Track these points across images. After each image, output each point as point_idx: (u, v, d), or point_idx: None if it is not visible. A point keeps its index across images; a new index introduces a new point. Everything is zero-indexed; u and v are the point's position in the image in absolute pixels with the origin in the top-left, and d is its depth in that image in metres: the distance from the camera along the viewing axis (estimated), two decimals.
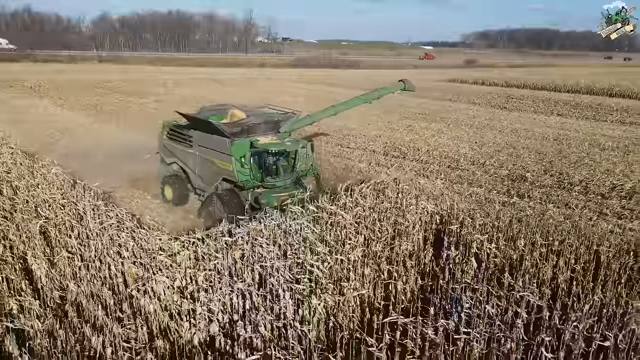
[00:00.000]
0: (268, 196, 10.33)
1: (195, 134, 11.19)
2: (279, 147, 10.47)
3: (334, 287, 6.62)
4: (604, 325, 5.65)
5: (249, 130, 10.70)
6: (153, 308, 6.32)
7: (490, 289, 6.66)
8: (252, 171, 10.47)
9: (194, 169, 11.51)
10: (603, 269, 7.43)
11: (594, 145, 19.31)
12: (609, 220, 10.71)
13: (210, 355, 5.32)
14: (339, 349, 5.33)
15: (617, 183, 13.55)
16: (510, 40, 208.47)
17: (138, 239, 7.85)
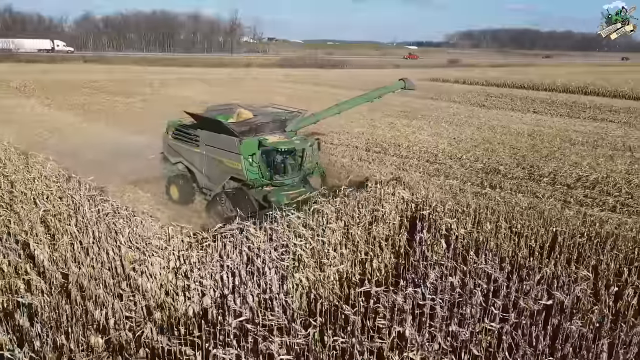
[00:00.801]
0: (277, 194, 10.41)
1: (203, 133, 11.23)
2: (288, 146, 10.56)
3: (315, 265, 7.29)
4: (552, 291, 6.41)
5: (257, 129, 10.80)
6: (150, 286, 6.95)
7: (456, 265, 7.41)
8: (261, 169, 10.54)
9: (201, 168, 11.54)
10: (558, 247, 8.23)
11: (565, 141, 20.31)
12: (571, 207, 11.57)
13: (204, 325, 5.96)
14: (319, 314, 6.03)
15: (583, 175, 14.46)
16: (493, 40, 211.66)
17: (133, 226, 8.44)
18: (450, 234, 8.68)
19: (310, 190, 10.75)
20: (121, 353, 5.66)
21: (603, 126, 24.71)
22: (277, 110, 12.17)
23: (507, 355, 5.25)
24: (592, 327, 5.64)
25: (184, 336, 5.67)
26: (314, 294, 6.81)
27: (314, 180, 11.61)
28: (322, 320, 5.93)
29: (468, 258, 7.71)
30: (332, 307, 6.69)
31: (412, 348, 5.18)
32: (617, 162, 16.46)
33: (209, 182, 11.47)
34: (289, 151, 10.75)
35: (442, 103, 33.55)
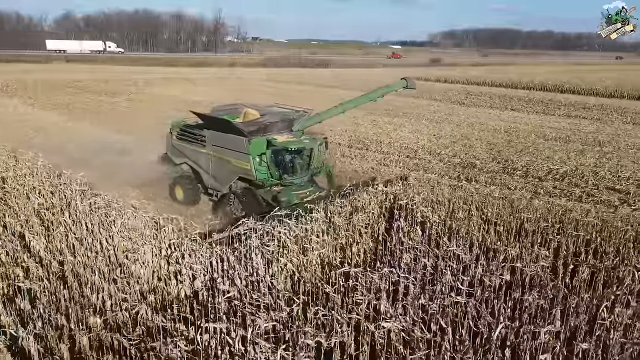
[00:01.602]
0: (287, 194, 10.45)
1: (209, 133, 11.18)
2: (298, 145, 10.56)
3: (298, 250, 7.81)
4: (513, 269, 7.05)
5: (265, 129, 10.78)
6: (143, 272, 7.39)
7: (429, 249, 8.00)
8: (270, 169, 10.52)
9: (207, 169, 11.49)
10: (524, 232, 8.89)
11: (539, 136, 21.17)
12: (540, 198, 12.29)
13: (196, 305, 6.44)
14: (302, 294, 6.55)
15: (554, 168, 15.24)
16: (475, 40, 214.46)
17: (125, 218, 8.85)
18: (426, 222, 9.28)
19: (318, 190, 10.93)
20: (119, 331, 6.11)
21: (576, 122, 25.72)
22: (283, 109, 12.10)
23: (472, 325, 5.83)
24: (547, 299, 6.26)
25: (177, 315, 6.14)
26: (297, 276, 7.32)
27: (320, 180, 11.72)
28: (305, 298, 6.45)
29: (441, 243, 8.32)
30: (314, 287, 7.24)
31: (385, 319, 5.72)
32: (586, 156, 17.31)
33: (215, 183, 11.40)
34: (299, 151, 10.76)
35: (424, 101, 34.35)
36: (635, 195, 12.54)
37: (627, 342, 5.37)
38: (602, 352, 5.36)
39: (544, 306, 6.13)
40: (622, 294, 6.27)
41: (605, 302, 5.85)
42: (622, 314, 5.76)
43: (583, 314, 5.99)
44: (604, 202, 12.05)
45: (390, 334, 5.32)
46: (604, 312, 5.72)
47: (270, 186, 10.50)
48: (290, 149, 10.48)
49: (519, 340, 5.49)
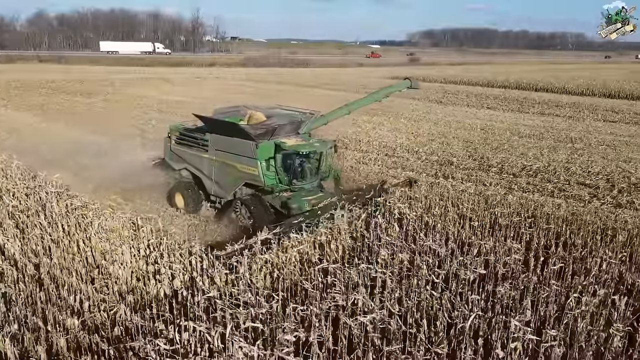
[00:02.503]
0: (298, 200, 9.97)
1: (212, 137, 10.68)
2: (308, 149, 10.19)
3: (278, 248, 7.88)
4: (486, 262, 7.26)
5: (273, 132, 10.26)
6: (121, 273, 7.36)
7: (406, 244, 8.16)
8: (278, 174, 10.15)
9: (210, 175, 10.96)
10: (498, 226, 9.14)
11: (514, 134, 21.68)
12: (514, 193, 12.61)
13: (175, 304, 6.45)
14: (282, 291, 6.62)
15: (527, 164, 15.65)
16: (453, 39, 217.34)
17: (103, 219, 8.79)
18: (403, 218, 9.45)
19: (329, 196, 10.40)
20: (97, 332, 6.08)
21: (550, 120, 26.41)
22: (290, 111, 11.61)
23: (446, 316, 6.00)
24: (519, 290, 6.48)
25: (156, 315, 6.15)
26: (277, 273, 7.39)
27: (327, 184, 11.33)
28: (285, 295, 6.53)
29: (417, 238, 8.49)
30: (293, 284, 7.32)
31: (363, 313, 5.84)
32: (559, 152, 17.81)
33: (219, 189, 10.91)
34: (308, 154, 10.42)
35: (402, 100, 34.65)
36: (604, 190, 12.99)
37: (593, 329, 5.60)
38: (570, 339, 5.58)
39: (516, 297, 6.34)
40: (589, 283, 6.53)
41: (573, 292, 6.10)
42: (589, 303, 6.00)
43: (552, 304, 6.22)
44: (574, 197, 12.45)
45: (367, 328, 5.43)
46: (572, 302, 5.96)
47: (280, 192, 10.08)
48: (301, 152, 10.12)
49: (491, 330, 5.68)
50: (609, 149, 18.71)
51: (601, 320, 5.84)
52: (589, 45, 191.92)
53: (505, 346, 5.34)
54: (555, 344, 5.15)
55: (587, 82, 44.33)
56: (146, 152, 17.41)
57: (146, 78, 48.20)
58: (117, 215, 8.91)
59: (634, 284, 6.82)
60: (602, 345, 5.48)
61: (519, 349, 5.22)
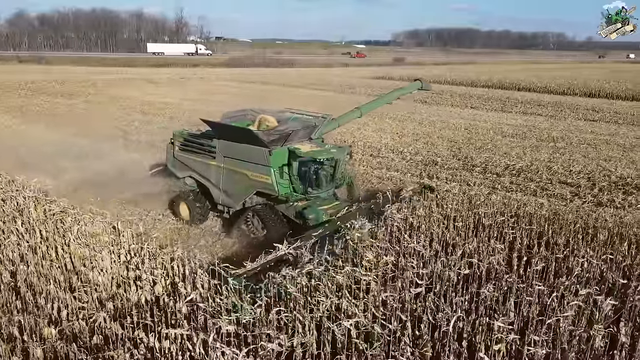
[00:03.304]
0: (315, 210, 9.36)
1: (221, 143, 10.11)
2: (326, 155, 9.63)
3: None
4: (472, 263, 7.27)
5: (287, 137, 9.71)
6: (101, 279, 7.20)
7: (391, 246, 8.14)
8: (292, 182, 9.68)
9: (217, 183, 10.40)
10: (481, 226, 9.17)
11: (497, 133, 21.88)
12: (497, 193, 12.71)
13: (156, 310, 6.33)
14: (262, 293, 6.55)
15: (510, 164, 15.79)
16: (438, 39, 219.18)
17: (82, 224, 8.60)
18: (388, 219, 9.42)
19: (346, 204, 9.96)
20: (75, 341, 5.94)
21: (532, 119, 26.73)
22: (298, 115, 11.01)
23: (430, 319, 5.99)
24: (502, 291, 6.50)
25: (137, 322, 6.02)
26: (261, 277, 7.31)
27: (340, 192, 10.85)
28: (268, 299, 6.45)
29: (401, 240, 8.48)
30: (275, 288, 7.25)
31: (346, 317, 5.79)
32: (541, 151, 18.02)
33: (227, 198, 10.35)
34: (326, 161, 9.86)
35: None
36: (585, 189, 13.16)
37: (575, 329, 5.64)
38: (553, 339, 5.61)
39: (499, 298, 6.36)
40: (571, 283, 6.58)
41: (555, 292, 6.13)
42: (571, 303, 6.04)
43: (535, 304, 6.25)
44: (556, 196, 12.59)
45: (351, 332, 5.39)
46: (554, 302, 5.99)
47: (295, 201, 9.56)
48: (319, 160, 9.55)
49: (474, 332, 5.68)
50: (589, 148, 19.00)
51: (583, 321, 5.88)
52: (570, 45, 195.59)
53: (488, 348, 5.34)
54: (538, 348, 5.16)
55: (568, 82, 45.02)
56: (129, 153, 17.24)
57: (129, 79, 47.60)
58: (97, 220, 8.74)
59: (615, 283, 6.88)
60: (584, 346, 5.51)
61: (502, 350, 5.23)
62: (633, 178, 14.11)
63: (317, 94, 38.75)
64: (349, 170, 10.83)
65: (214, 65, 77.93)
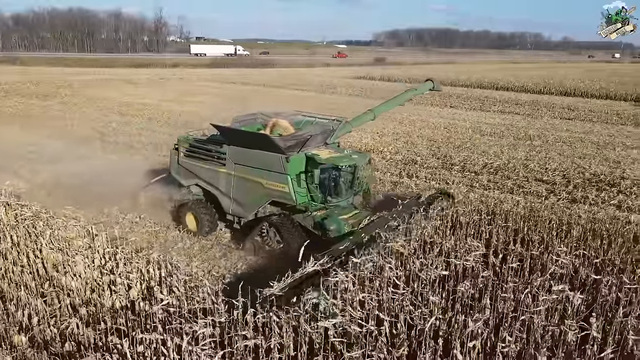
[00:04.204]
0: (336, 220, 8.87)
1: (231, 149, 9.55)
2: (348, 162, 9.16)
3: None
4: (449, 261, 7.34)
5: (305, 143, 9.14)
6: (74, 285, 7.05)
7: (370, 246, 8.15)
8: (310, 191, 9.17)
9: (227, 192, 9.83)
10: (459, 224, 9.27)
11: (476, 132, 22.17)
12: (475, 191, 12.86)
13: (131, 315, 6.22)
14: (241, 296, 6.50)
15: (488, 162, 16.00)
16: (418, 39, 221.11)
17: (55, 228, 8.42)
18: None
19: (365, 214, 9.63)
20: (46, 349, 5.80)
21: (510, 118, 27.16)
22: (310, 118, 10.51)
23: (408, 318, 6.02)
24: (478, 288, 6.57)
25: (110, 327, 5.91)
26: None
27: (356, 199, 10.33)
28: (244, 300, 6.39)
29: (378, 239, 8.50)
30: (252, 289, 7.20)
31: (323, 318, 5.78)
32: (518, 150, 18.31)
33: (238, 208, 9.79)
34: (347, 168, 9.37)
35: (367, 100, 34.97)
36: (560, 186, 13.41)
37: (548, 324, 5.73)
38: (527, 335, 5.69)
39: (475, 295, 6.42)
40: (545, 279, 6.68)
41: (529, 288, 6.22)
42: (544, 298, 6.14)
43: (510, 301, 6.33)
44: (532, 193, 12.79)
45: (328, 332, 5.38)
46: (528, 298, 6.08)
47: (315, 211, 9.05)
48: (341, 167, 9.09)
49: (450, 329, 5.72)
50: (565, 146, 19.37)
51: (556, 316, 5.97)
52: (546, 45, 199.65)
53: (464, 345, 5.39)
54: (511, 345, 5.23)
55: (545, 81, 45.86)
56: (107, 155, 16.95)
57: (107, 79, 46.82)
58: (70, 223, 8.56)
59: (588, 278, 7.02)
60: (556, 341, 5.60)
61: (477, 347, 5.28)
62: (606, 175, 14.44)
63: (298, 94, 38.70)
64: (367, 176, 10.28)
65: (194, 65, 77.15)
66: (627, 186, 13.19)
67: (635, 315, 5.92)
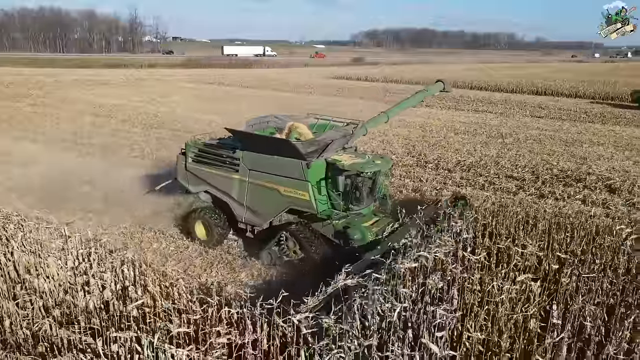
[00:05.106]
0: (360, 229, 8.61)
1: (246, 155, 9.13)
2: (373, 168, 8.73)
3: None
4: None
5: (325, 148, 8.70)
6: (47, 287, 7.02)
7: None
8: (331, 198, 8.83)
9: (241, 199, 9.39)
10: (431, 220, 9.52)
11: (450, 130, 22.61)
12: (448, 188, 13.18)
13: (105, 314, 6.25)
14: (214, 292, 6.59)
15: (461, 159, 16.37)
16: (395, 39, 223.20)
17: (27, 231, 8.33)
18: None
19: (387, 220, 9.33)
20: (19, 350, 5.78)
21: (483, 117, 27.77)
22: (324, 121, 10.19)
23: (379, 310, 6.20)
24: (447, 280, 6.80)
25: (84, 327, 5.93)
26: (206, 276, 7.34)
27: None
28: (219, 298, 6.49)
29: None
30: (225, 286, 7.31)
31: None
32: (490, 147, 18.77)
33: (252, 216, 9.36)
34: (371, 175, 8.88)
35: (345, 99, 35.29)
36: (529, 182, 13.84)
37: (511, 313, 5.99)
38: (492, 324, 5.94)
39: (444, 287, 6.65)
40: (509, 271, 6.96)
41: (494, 280, 6.49)
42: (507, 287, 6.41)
43: (477, 292, 6.58)
44: (502, 189, 13.18)
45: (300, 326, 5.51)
46: (494, 289, 6.34)
47: (338, 219, 8.71)
48: (367, 173, 8.62)
49: (419, 320, 5.92)
50: (535, 143, 19.93)
51: (519, 305, 6.24)
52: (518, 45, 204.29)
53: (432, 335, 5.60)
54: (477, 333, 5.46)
55: (517, 80, 46.95)
56: (82, 157, 16.72)
57: (81, 80, 45.95)
58: (43, 226, 8.49)
59: (550, 268, 7.34)
60: (519, 328, 5.86)
61: (444, 337, 5.49)
62: (573, 171, 14.95)
63: (275, 94, 38.73)
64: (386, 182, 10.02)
65: (171, 66, 76.28)
66: (592, 181, 13.69)
67: (593, 302, 6.23)
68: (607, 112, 30.24)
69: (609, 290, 6.65)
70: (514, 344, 5.57)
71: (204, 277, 8.22)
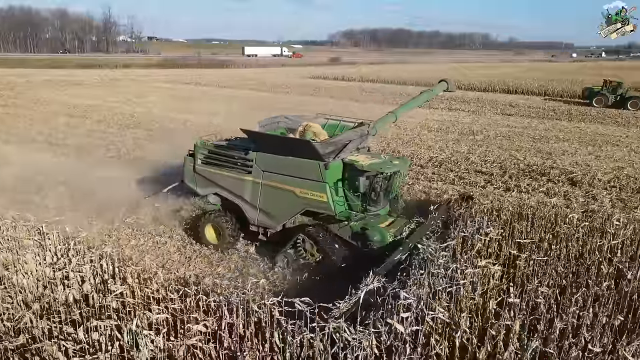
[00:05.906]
0: (379, 230, 8.51)
1: (259, 156, 8.95)
2: (393, 168, 8.70)
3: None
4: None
5: (342, 148, 8.60)
6: (26, 283, 7.15)
7: None
8: (349, 200, 8.73)
9: (254, 201, 9.21)
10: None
11: (423, 128, 23.23)
12: (420, 183, 13.67)
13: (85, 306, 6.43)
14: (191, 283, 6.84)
15: (434, 156, 16.92)
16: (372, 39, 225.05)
17: (4, 229, 8.41)
18: None
19: (404, 221, 9.32)
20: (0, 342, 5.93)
21: (456, 115, 28.54)
22: (334, 121, 10.11)
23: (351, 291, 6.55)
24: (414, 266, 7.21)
25: (65, 319, 6.11)
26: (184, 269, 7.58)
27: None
28: (197, 288, 6.75)
29: None
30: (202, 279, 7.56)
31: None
32: (461, 144, 19.40)
33: (266, 219, 9.20)
34: (391, 175, 8.80)
35: (321, 99, 35.69)
36: (497, 176, 14.44)
37: (472, 295, 6.43)
38: (455, 306, 6.36)
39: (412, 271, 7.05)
40: (472, 257, 7.41)
41: (458, 265, 6.92)
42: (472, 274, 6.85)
43: (443, 277, 7.00)
44: (472, 183, 13.74)
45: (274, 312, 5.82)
46: (457, 273, 6.76)
47: (357, 221, 8.61)
48: (386, 174, 8.55)
49: (387, 301, 6.29)
50: (504, 140, 20.68)
51: (479, 287, 6.69)
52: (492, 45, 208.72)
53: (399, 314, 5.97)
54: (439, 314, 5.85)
55: (490, 79, 48.17)
56: (57, 157, 16.62)
57: (54, 81, 45.13)
58: (20, 224, 8.57)
59: (510, 254, 7.83)
60: (480, 308, 6.30)
61: (410, 318, 5.87)
62: (538, 165, 15.64)
63: (252, 94, 38.85)
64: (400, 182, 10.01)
65: (147, 66, 75.41)
66: (555, 175, 14.39)
67: (546, 284, 6.73)
68: (574, 110, 31.42)
69: (562, 273, 7.17)
70: (473, 322, 5.99)
71: (182, 271, 8.45)
